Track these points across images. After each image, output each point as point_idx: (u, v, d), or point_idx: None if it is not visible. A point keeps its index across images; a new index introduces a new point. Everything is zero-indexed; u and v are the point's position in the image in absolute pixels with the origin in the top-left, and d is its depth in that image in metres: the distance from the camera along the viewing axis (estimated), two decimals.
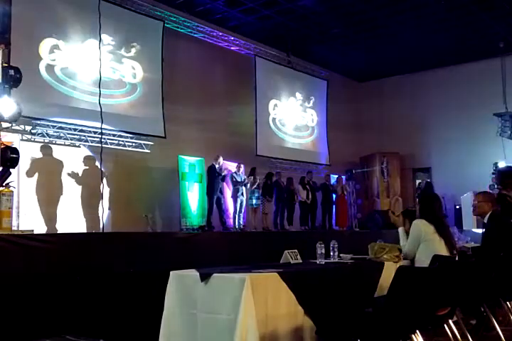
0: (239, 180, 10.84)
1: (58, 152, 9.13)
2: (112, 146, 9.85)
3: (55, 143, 9.14)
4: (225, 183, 10.97)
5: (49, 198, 8.77)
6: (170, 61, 10.89)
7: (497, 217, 5.17)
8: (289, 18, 12.09)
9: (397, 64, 14.77)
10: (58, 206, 8.82)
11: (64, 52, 9.25)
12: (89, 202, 9.19)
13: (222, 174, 10.46)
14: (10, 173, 6.32)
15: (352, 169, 15.52)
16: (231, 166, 11.13)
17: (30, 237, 5.64)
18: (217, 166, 10.37)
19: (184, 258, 6.51)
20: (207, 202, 10.50)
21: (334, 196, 13.28)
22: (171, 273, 3.59)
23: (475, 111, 14.00)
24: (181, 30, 11.49)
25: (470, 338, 3.96)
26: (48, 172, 8.87)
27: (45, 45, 9.00)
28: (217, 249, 7.68)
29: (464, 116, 14.38)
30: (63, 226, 8.58)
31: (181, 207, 10.46)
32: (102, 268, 5.85)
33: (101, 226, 8.92)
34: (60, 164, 9.03)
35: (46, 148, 9.00)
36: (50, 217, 8.65)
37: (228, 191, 11.19)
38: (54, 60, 9.09)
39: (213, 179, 10.32)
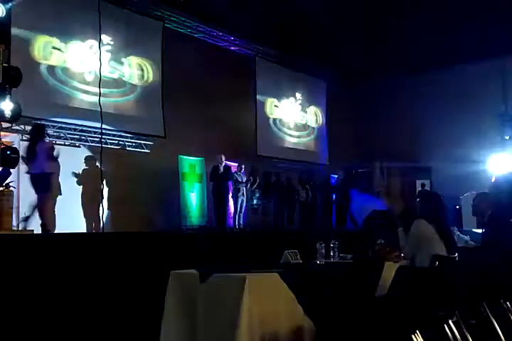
0: (239, 180, 10.85)
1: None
2: (112, 146, 9.86)
3: (55, 143, 9.13)
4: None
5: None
6: (170, 61, 10.89)
7: (497, 217, 5.17)
8: (289, 18, 12.08)
9: (397, 64, 14.75)
10: (58, 206, 8.81)
11: (64, 53, 9.26)
12: (89, 202, 9.19)
13: (225, 173, 10.50)
14: (10, 173, 6.32)
15: (352, 169, 15.51)
16: (232, 166, 11.13)
17: (30, 237, 5.64)
18: (220, 166, 10.41)
19: (184, 258, 6.51)
20: (213, 203, 10.54)
21: (334, 196, 13.27)
22: (171, 273, 3.59)
23: (475, 112, 13.99)
24: (181, 30, 11.50)
25: (470, 338, 3.96)
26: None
27: (46, 45, 9.00)
28: (217, 249, 7.67)
29: (464, 116, 14.36)
30: (63, 226, 8.57)
31: (181, 207, 10.47)
32: (102, 268, 5.84)
33: (101, 226, 8.92)
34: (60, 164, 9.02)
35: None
36: (50, 217, 8.64)
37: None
38: (54, 60, 9.10)
39: (219, 179, 10.35)
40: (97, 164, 9.30)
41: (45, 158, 7.35)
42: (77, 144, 9.41)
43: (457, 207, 13.42)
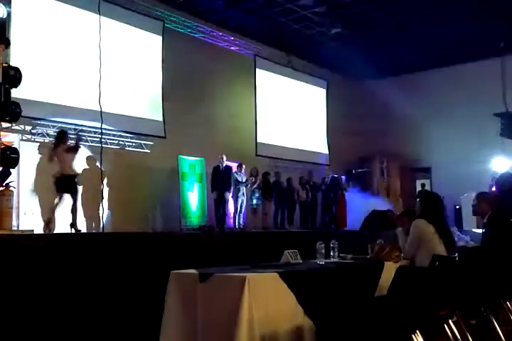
0: (239, 180, 10.84)
1: None
2: (112, 146, 9.85)
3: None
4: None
5: (49, 198, 8.75)
6: (170, 61, 10.90)
7: (497, 217, 5.16)
8: (289, 18, 12.09)
9: (397, 64, 14.76)
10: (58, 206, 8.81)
11: (64, 52, 9.26)
12: (89, 202, 9.18)
13: (226, 173, 10.50)
14: (10, 173, 6.32)
15: (352, 169, 15.52)
16: (232, 166, 11.12)
17: (30, 237, 5.63)
18: (221, 166, 10.43)
19: (184, 258, 6.51)
20: (213, 203, 10.55)
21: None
22: (171, 272, 3.58)
23: (475, 111, 13.99)
24: (181, 30, 11.50)
25: (470, 338, 3.96)
26: (47, 172, 8.86)
27: (46, 44, 9.01)
28: (217, 249, 7.67)
29: (464, 116, 14.37)
30: (63, 226, 8.57)
31: (181, 207, 10.46)
32: (102, 269, 5.84)
33: (101, 226, 8.91)
34: None
35: (46, 148, 8.98)
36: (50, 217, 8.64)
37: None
38: (54, 60, 9.10)
39: (219, 179, 10.36)
40: (97, 164, 9.29)
41: (68, 161, 7.87)
42: None
43: (457, 207, 13.44)
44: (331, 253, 4.54)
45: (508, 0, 10.99)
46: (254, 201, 11.24)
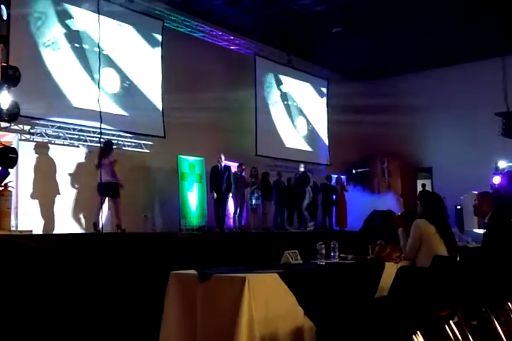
0: (239, 180, 10.81)
1: (57, 152, 9.11)
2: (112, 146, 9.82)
3: (54, 143, 9.12)
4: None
5: (48, 198, 8.75)
6: (170, 61, 10.88)
7: (498, 217, 5.15)
8: (289, 17, 12.07)
9: (397, 64, 14.75)
10: (57, 206, 8.80)
11: (63, 52, 9.24)
12: (89, 202, 9.15)
13: (225, 173, 10.47)
14: (8, 173, 6.30)
15: (352, 169, 15.50)
16: (232, 166, 11.10)
17: (28, 237, 5.62)
18: (220, 166, 10.40)
19: (184, 259, 6.50)
20: (213, 203, 10.52)
21: (334, 196, 13.25)
22: (171, 273, 3.57)
23: (476, 111, 13.98)
24: (181, 30, 11.48)
25: (471, 339, 3.94)
26: (46, 172, 8.85)
27: (46, 44, 8.99)
28: (217, 249, 7.66)
29: (465, 115, 14.35)
30: (62, 227, 8.56)
31: (181, 208, 10.44)
32: (102, 269, 5.83)
33: (100, 226, 8.88)
34: (59, 164, 9.00)
35: (45, 148, 8.98)
36: (49, 217, 8.63)
37: None
38: (53, 60, 9.08)
39: (218, 179, 10.33)
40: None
41: (111, 169, 8.52)
42: (76, 144, 9.39)
43: (458, 207, 13.41)
44: (332, 254, 4.53)
45: (509, 0, 10.98)
46: (254, 201, 11.21)
